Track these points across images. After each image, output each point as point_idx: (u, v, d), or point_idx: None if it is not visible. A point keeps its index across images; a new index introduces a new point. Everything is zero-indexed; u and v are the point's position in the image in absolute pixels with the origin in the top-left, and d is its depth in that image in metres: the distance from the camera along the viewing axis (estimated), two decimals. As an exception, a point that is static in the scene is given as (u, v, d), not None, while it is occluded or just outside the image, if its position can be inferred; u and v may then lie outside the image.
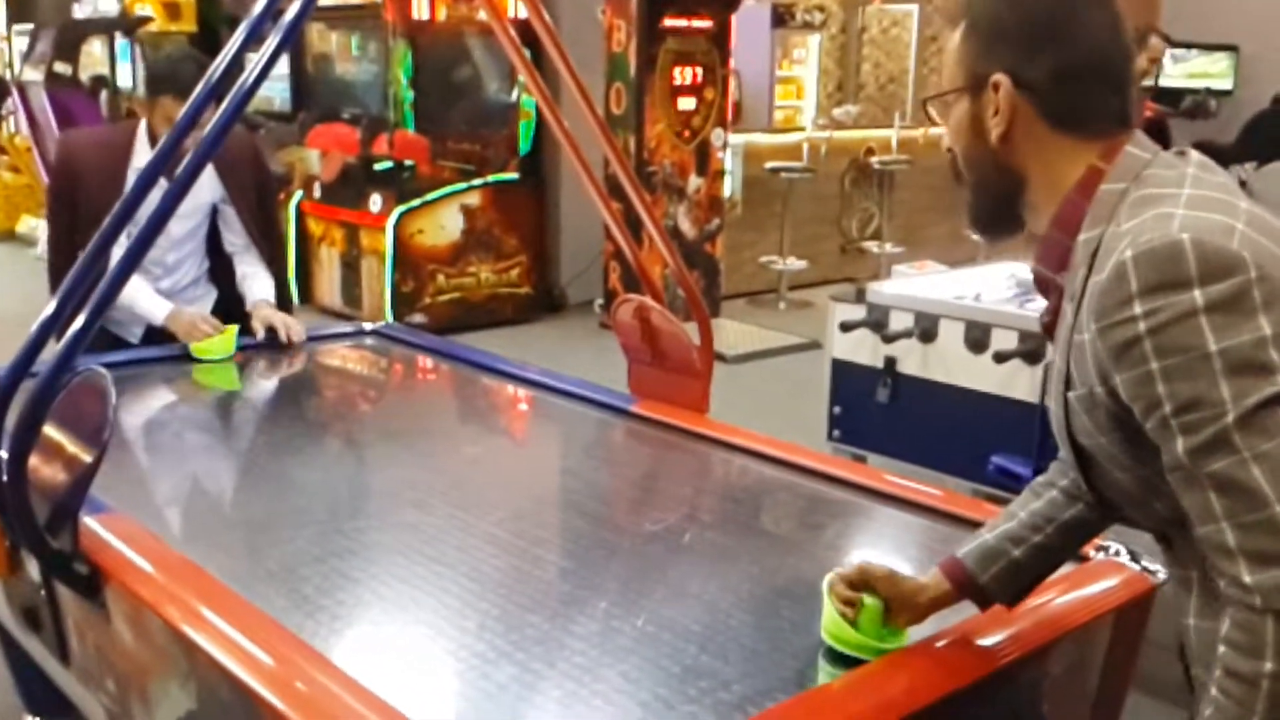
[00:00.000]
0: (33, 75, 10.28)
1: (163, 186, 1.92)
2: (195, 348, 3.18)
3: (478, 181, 7.57)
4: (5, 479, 1.83)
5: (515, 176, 7.68)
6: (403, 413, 3.14)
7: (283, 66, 8.95)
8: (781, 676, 1.62)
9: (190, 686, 1.71)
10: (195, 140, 1.89)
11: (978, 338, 3.54)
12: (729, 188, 8.15)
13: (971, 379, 3.56)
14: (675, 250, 2.83)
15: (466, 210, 7.46)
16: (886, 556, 2.15)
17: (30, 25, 11.49)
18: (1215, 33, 8.36)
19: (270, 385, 3.29)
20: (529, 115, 7.59)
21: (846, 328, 3.85)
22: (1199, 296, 1.16)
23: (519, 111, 7.66)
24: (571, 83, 2.67)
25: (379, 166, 7.77)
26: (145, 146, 3.23)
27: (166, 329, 3.25)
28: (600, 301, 7.58)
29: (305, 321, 3.43)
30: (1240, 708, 1.18)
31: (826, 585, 1.66)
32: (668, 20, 7.26)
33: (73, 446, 1.85)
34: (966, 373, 3.57)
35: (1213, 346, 1.15)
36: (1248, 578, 1.16)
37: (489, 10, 2.94)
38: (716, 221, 7.73)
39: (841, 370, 3.94)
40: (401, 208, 7.25)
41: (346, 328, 3.69)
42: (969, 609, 1.64)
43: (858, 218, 9.19)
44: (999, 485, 3.31)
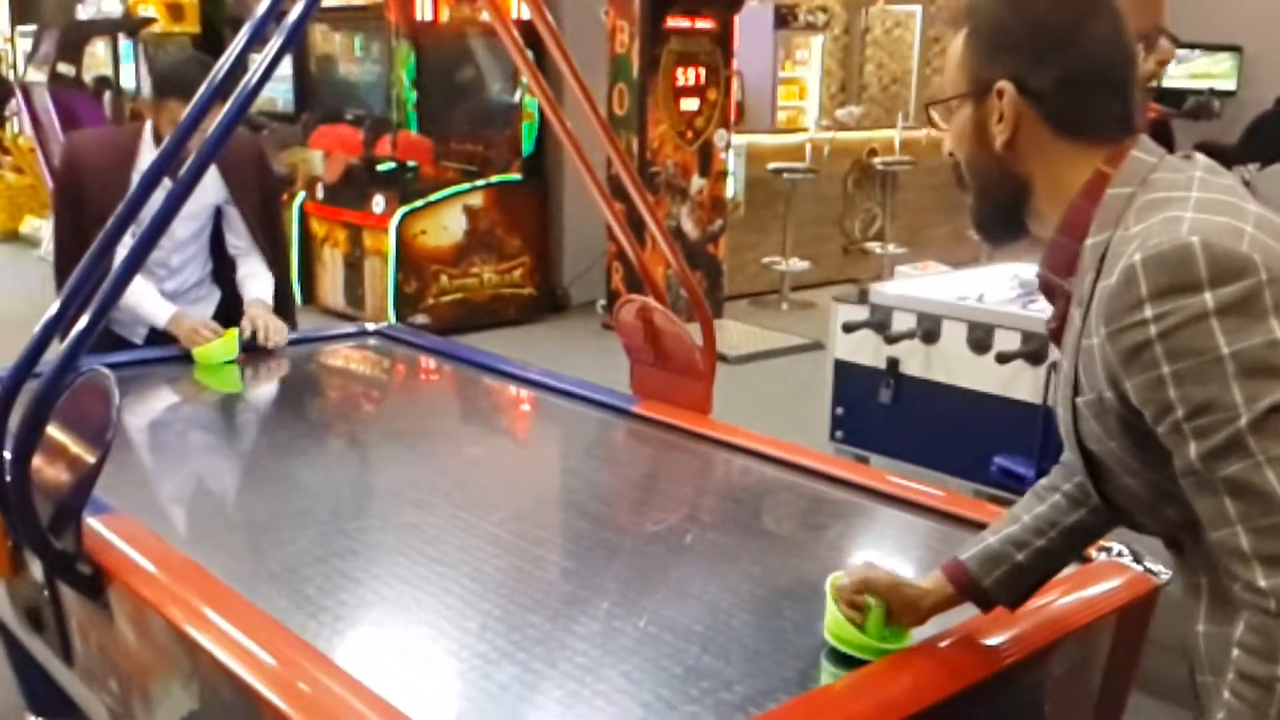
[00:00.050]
0: (36, 76, 10.30)
1: (166, 187, 1.93)
2: (197, 352, 3.18)
3: (480, 182, 7.57)
4: (9, 479, 1.84)
5: (518, 177, 7.68)
6: (405, 413, 3.14)
7: (286, 67, 8.97)
8: (784, 677, 1.62)
9: (193, 687, 1.71)
10: (199, 141, 1.90)
11: (980, 338, 3.53)
12: (732, 188, 8.14)
13: (974, 380, 3.55)
14: (678, 251, 2.83)
15: (469, 211, 7.46)
16: (889, 557, 2.16)
17: (34, 26, 11.50)
18: (1218, 33, 8.36)
19: (273, 386, 3.30)
20: (532, 116, 7.60)
21: (849, 328, 3.85)
22: (1210, 299, 1.15)
23: (522, 112, 7.67)
24: (574, 83, 2.68)
25: (382, 167, 7.79)
26: (150, 148, 3.23)
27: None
28: (603, 302, 7.57)
29: (309, 322, 3.43)
30: (1254, 712, 1.17)
31: (829, 586, 1.67)
32: (670, 21, 7.26)
33: (76, 447, 1.85)
34: (969, 373, 3.57)
35: (1224, 349, 1.14)
36: (1263, 582, 1.15)
37: (492, 11, 2.95)
38: (719, 222, 7.73)
39: (844, 371, 3.94)
40: (404, 208, 7.25)
41: (349, 328, 3.70)
42: (972, 609, 1.64)
43: (860, 218, 9.19)
44: (1001, 486, 3.31)
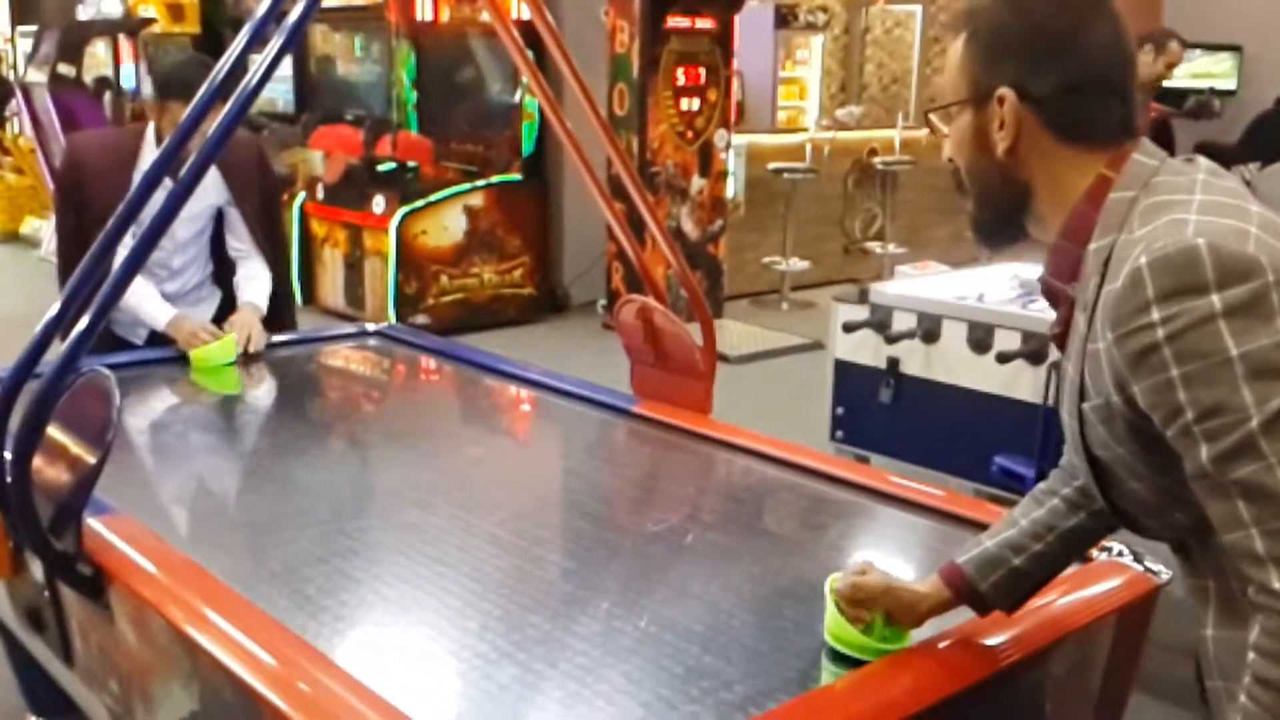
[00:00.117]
0: (37, 77, 10.30)
1: (167, 188, 1.93)
2: (194, 355, 3.17)
3: (481, 182, 7.57)
4: (9, 480, 1.84)
5: (518, 177, 7.68)
6: (406, 413, 3.14)
7: (286, 68, 8.97)
8: (784, 677, 1.62)
9: (193, 687, 1.71)
10: (200, 142, 1.90)
11: (980, 338, 3.53)
12: (732, 188, 8.14)
13: (974, 379, 3.55)
14: (678, 251, 2.83)
15: (469, 211, 7.46)
16: (889, 557, 2.16)
17: (34, 27, 11.49)
18: (1219, 33, 8.36)
19: (273, 386, 3.30)
20: (532, 116, 7.60)
21: (849, 328, 3.84)
22: (1217, 301, 1.14)
23: (522, 112, 7.66)
24: (574, 83, 2.68)
25: (382, 167, 7.79)
26: (153, 149, 3.23)
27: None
28: (603, 302, 7.57)
29: (309, 322, 3.43)
30: (1271, 716, 1.16)
31: (828, 588, 1.67)
32: (670, 21, 7.26)
33: (76, 448, 1.85)
34: (969, 373, 3.57)
35: (1233, 351, 1.14)
36: (1277, 584, 1.15)
37: (492, 11, 2.95)
38: (719, 222, 7.73)
39: (844, 371, 3.94)
40: (404, 209, 7.25)
41: (349, 329, 3.70)
42: (970, 610, 1.64)
43: (860, 218, 9.19)
44: (1002, 486, 3.31)
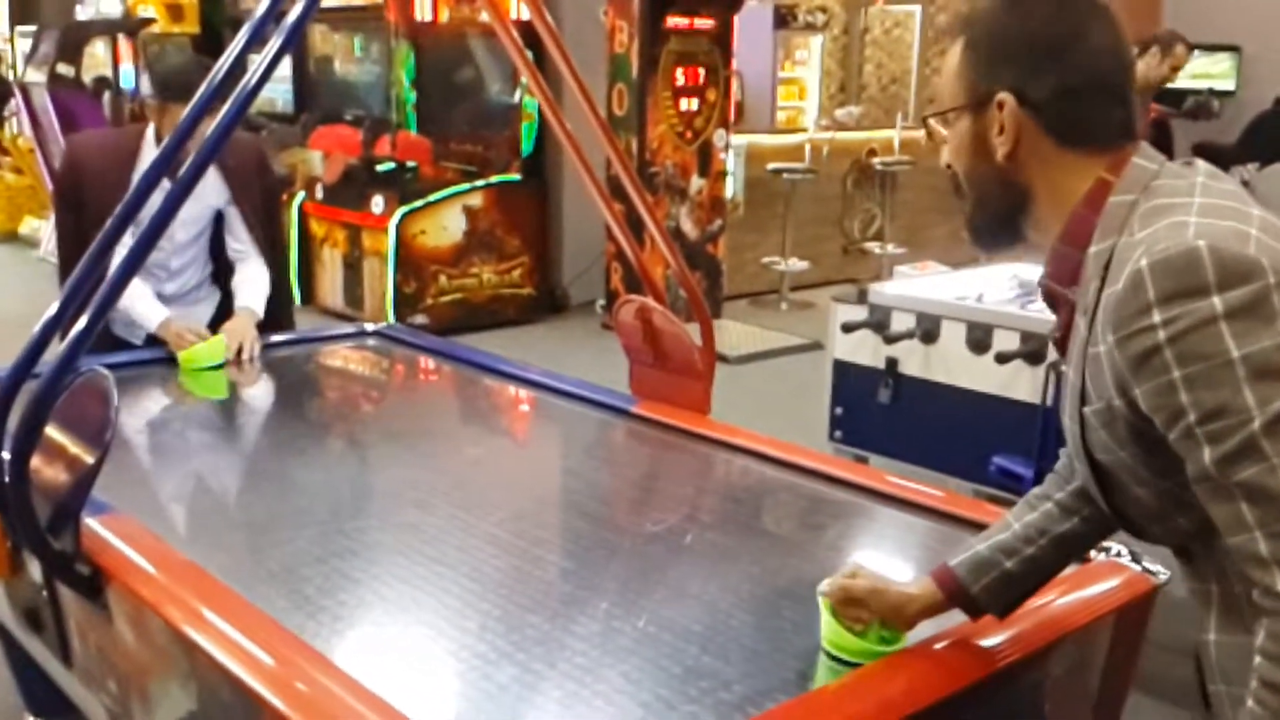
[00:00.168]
0: (36, 76, 10.29)
1: (166, 188, 1.93)
2: (182, 357, 3.15)
3: (480, 182, 7.56)
4: (7, 480, 1.84)
5: (517, 177, 7.67)
6: (404, 413, 3.14)
7: (285, 68, 8.97)
8: (783, 677, 1.62)
9: (191, 687, 1.71)
10: (199, 142, 1.90)
11: (979, 338, 3.54)
12: (731, 189, 8.14)
13: (973, 380, 3.55)
14: (677, 251, 2.83)
15: (469, 211, 7.46)
16: (888, 557, 2.16)
17: (33, 27, 11.49)
18: (1217, 33, 8.36)
19: (272, 386, 3.30)
20: (531, 116, 7.59)
21: (848, 328, 3.85)
22: (1218, 303, 1.14)
23: (521, 112, 7.66)
24: (573, 84, 2.68)
25: (381, 168, 7.78)
26: (152, 150, 3.22)
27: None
28: (602, 302, 7.57)
29: (308, 322, 3.43)
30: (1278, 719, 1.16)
31: (820, 596, 1.65)
32: (670, 21, 7.26)
33: (75, 447, 1.85)
34: (968, 374, 3.57)
35: (1235, 353, 1.13)
36: None
37: (491, 11, 2.95)
38: (718, 222, 7.73)
39: (843, 371, 3.94)
40: (404, 209, 7.25)
41: (348, 329, 3.70)
42: (969, 610, 1.64)
43: (860, 219, 9.19)
44: (1000, 486, 3.31)
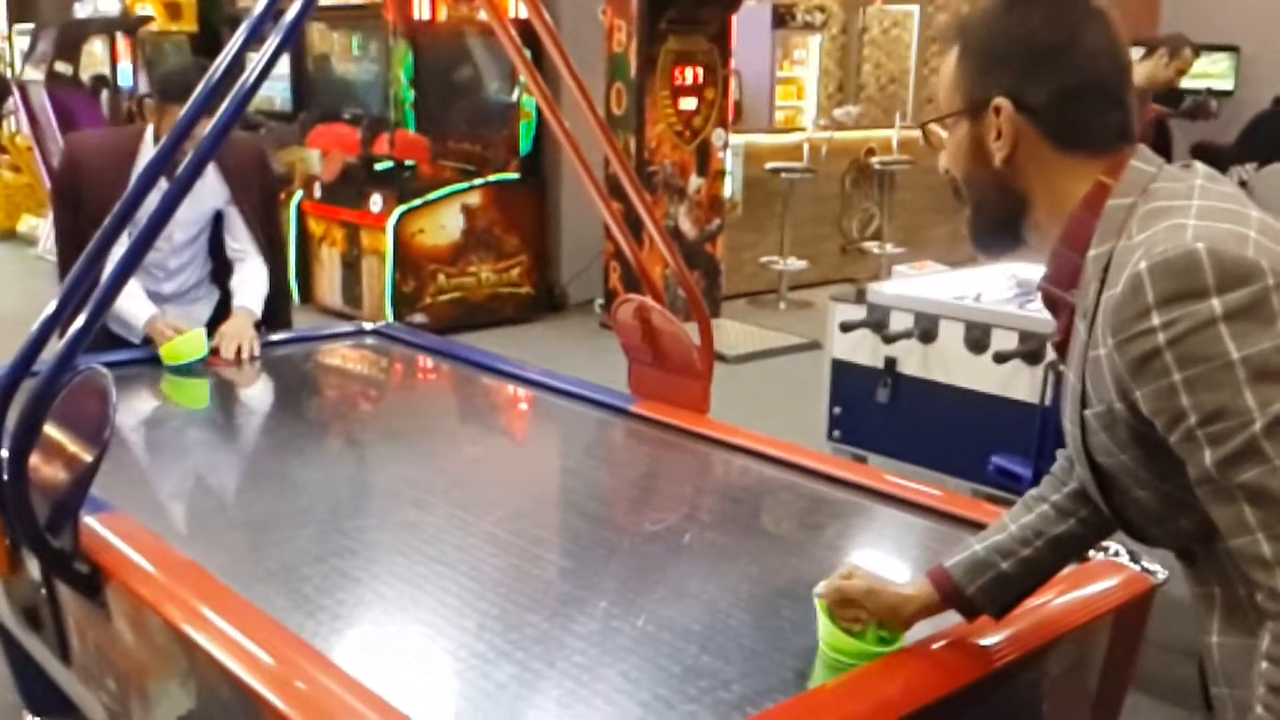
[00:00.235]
0: (34, 75, 10.28)
1: (163, 187, 1.92)
2: (163, 351, 3.11)
3: (478, 181, 7.56)
4: (6, 478, 1.84)
5: (516, 176, 7.67)
6: (403, 412, 3.14)
7: (283, 66, 8.96)
8: (781, 676, 1.62)
9: (190, 686, 1.71)
10: (197, 141, 1.90)
11: (978, 338, 3.54)
12: (729, 188, 8.14)
13: (971, 379, 3.55)
14: (675, 250, 2.83)
15: (467, 210, 7.46)
16: (886, 557, 2.16)
17: (31, 25, 11.48)
18: (1216, 33, 8.36)
19: (271, 385, 3.29)
20: (529, 115, 7.59)
21: (847, 328, 3.85)
22: (1217, 305, 1.14)
23: (519, 111, 7.66)
24: (572, 83, 2.68)
25: (380, 166, 7.78)
26: (151, 151, 3.21)
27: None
28: (600, 301, 7.57)
29: (306, 321, 3.42)
30: None
31: (816, 599, 1.65)
32: (668, 20, 7.25)
33: (73, 446, 1.85)
34: (966, 373, 3.57)
35: (1235, 355, 1.13)
36: None
37: (490, 10, 2.94)
38: (717, 222, 7.73)
39: (841, 370, 3.94)
40: (402, 207, 7.24)
41: (347, 327, 3.70)
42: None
43: (858, 218, 9.19)
44: (999, 485, 3.31)
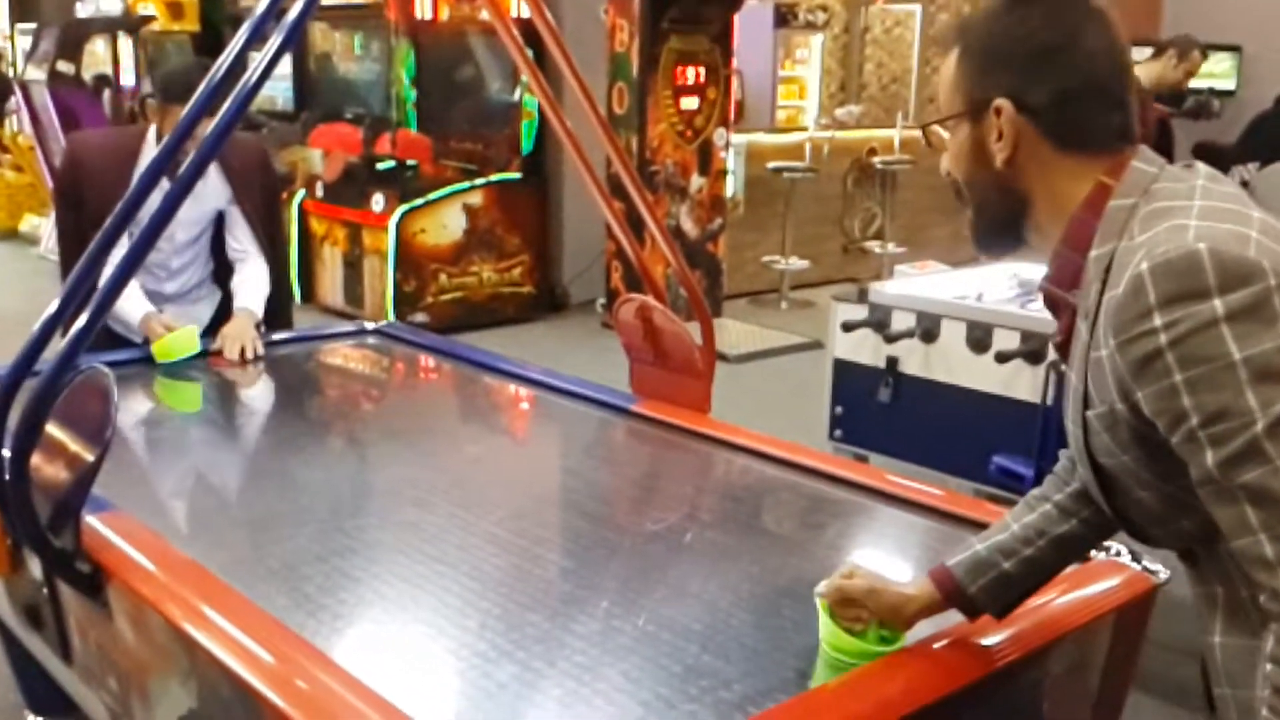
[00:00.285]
0: (36, 74, 10.30)
1: (165, 187, 1.93)
2: (155, 348, 3.11)
3: (480, 181, 7.56)
4: (7, 477, 1.84)
5: (517, 176, 7.67)
6: (404, 412, 3.14)
7: (285, 66, 8.96)
8: (783, 676, 1.62)
9: (191, 685, 1.71)
10: (199, 141, 1.90)
11: (980, 338, 3.53)
12: (731, 187, 8.14)
13: (973, 379, 3.55)
14: (677, 250, 2.83)
15: (469, 209, 7.46)
16: (888, 556, 2.16)
17: (33, 24, 11.49)
18: (1218, 33, 8.35)
19: (272, 384, 3.29)
20: (531, 115, 7.59)
21: (848, 327, 3.84)
22: (1219, 305, 1.14)
23: (521, 111, 7.66)
24: (574, 82, 2.67)
25: (381, 166, 7.78)
26: (153, 151, 3.21)
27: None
28: (602, 301, 7.57)
29: (308, 320, 3.42)
30: None
31: (818, 598, 1.65)
32: (670, 20, 7.24)
33: (75, 445, 1.85)
34: (968, 373, 3.57)
35: (1236, 355, 1.13)
36: None
37: (491, 10, 2.95)
38: (719, 221, 7.72)
39: (843, 370, 3.93)
40: (404, 207, 7.24)
41: (349, 327, 3.70)
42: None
43: (860, 218, 9.19)
44: (1000, 485, 3.31)
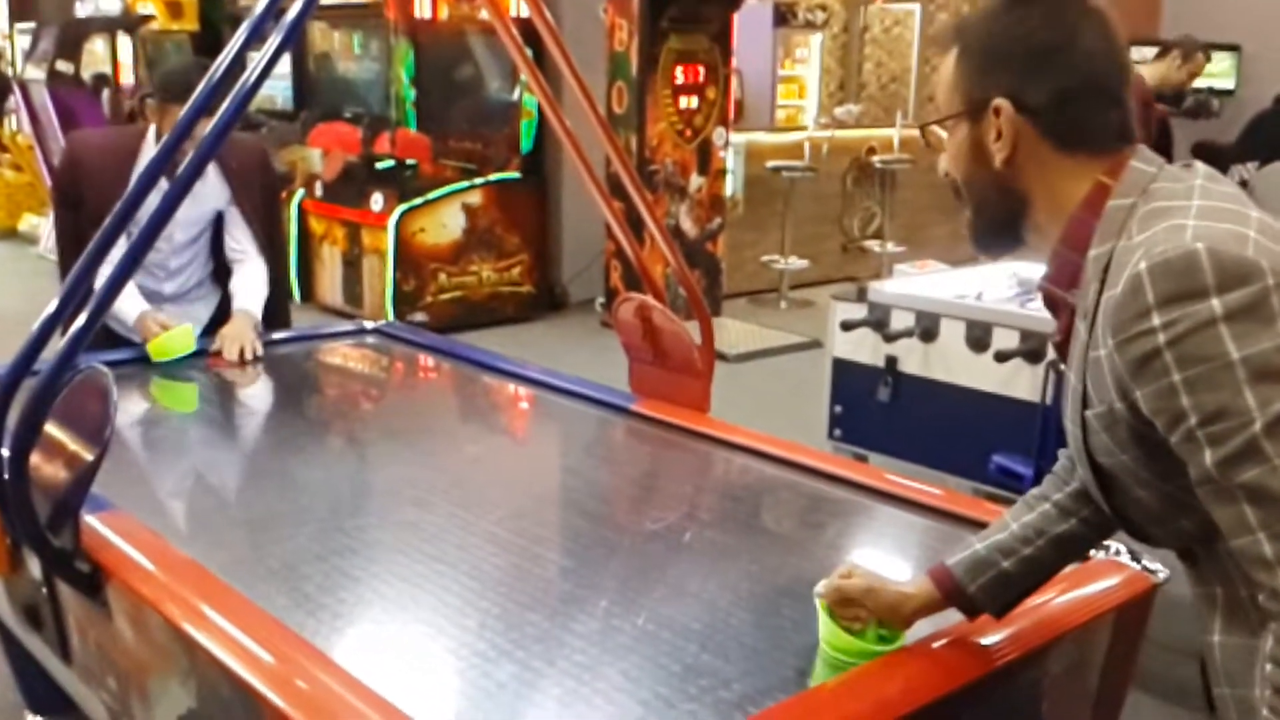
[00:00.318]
0: (35, 73, 10.30)
1: (164, 187, 1.93)
2: (151, 347, 3.10)
3: (479, 180, 7.56)
4: (7, 477, 1.84)
5: (517, 175, 7.67)
6: (404, 411, 3.14)
7: (285, 65, 8.97)
8: (782, 675, 1.62)
9: (191, 684, 1.71)
10: (198, 141, 1.90)
11: (979, 337, 3.54)
12: (730, 187, 8.14)
13: (972, 378, 3.55)
14: (676, 249, 2.83)
15: (468, 209, 7.46)
16: (887, 555, 2.16)
17: (33, 23, 11.48)
18: (1217, 32, 8.34)
19: (271, 384, 3.29)
20: (530, 114, 7.59)
21: (848, 327, 3.85)
22: (1217, 305, 1.14)
23: (520, 110, 7.66)
24: (573, 81, 2.67)
25: (381, 165, 7.79)
26: (153, 150, 3.21)
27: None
28: (601, 300, 7.57)
29: (307, 320, 3.42)
30: None
31: (817, 597, 1.65)
32: (669, 19, 7.24)
33: (74, 444, 1.85)
34: (967, 372, 3.57)
35: (1235, 355, 1.13)
36: None
37: (491, 9, 2.95)
38: (718, 220, 7.73)
39: (842, 369, 3.94)
40: (403, 206, 7.25)
41: (348, 326, 3.70)
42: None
43: (859, 217, 9.19)
44: (1000, 484, 3.31)
